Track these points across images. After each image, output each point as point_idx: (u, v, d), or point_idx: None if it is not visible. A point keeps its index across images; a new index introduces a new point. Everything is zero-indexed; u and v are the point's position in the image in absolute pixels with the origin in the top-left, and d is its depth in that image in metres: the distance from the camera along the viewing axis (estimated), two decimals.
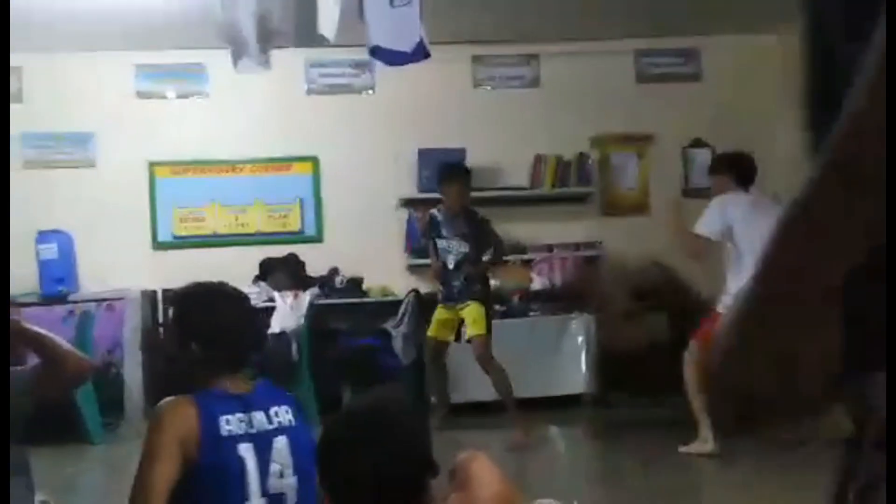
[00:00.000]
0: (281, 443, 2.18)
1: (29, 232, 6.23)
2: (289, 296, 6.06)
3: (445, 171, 5.36)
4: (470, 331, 5.15)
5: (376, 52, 3.67)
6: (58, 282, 6.14)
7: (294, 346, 5.84)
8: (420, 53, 3.70)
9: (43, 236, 6.16)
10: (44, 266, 6.16)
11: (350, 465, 1.78)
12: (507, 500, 1.84)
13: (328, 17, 3.34)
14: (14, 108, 6.54)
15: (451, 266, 5.23)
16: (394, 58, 3.75)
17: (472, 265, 5.22)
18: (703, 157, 7.31)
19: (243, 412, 2.13)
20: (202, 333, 2.19)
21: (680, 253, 4.83)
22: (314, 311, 6.15)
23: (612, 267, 6.97)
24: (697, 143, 7.31)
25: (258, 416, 2.16)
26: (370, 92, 7.05)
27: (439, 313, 5.35)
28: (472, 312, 5.13)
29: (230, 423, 2.10)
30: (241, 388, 2.19)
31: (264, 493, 2.12)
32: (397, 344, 6.05)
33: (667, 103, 7.23)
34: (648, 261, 7.02)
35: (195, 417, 2.06)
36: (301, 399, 5.43)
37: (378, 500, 1.79)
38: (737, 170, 4.93)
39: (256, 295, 6.25)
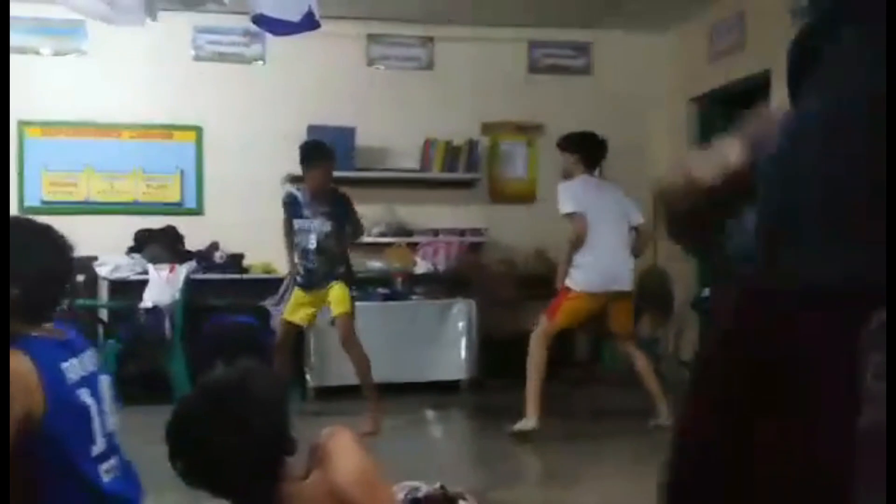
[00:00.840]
0: (105, 381, 2.14)
1: None
2: (164, 269, 5.85)
3: (312, 151, 5.14)
4: (335, 310, 5.01)
5: (261, 20, 3.53)
6: None
7: (167, 322, 5.64)
8: (308, 24, 3.58)
9: None
10: None
11: (204, 440, 1.73)
12: (365, 475, 1.83)
13: None
14: None
15: (312, 246, 5.06)
16: (280, 27, 3.62)
17: (335, 245, 5.08)
18: None
19: (74, 357, 2.04)
20: (24, 275, 1.98)
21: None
22: (190, 286, 5.95)
23: (497, 254, 7.04)
24: None
25: (85, 359, 2.09)
26: (260, 63, 6.87)
27: (298, 297, 5.17)
28: (336, 293, 5.00)
29: (70, 371, 2.00)
30: (60, 332, 2.08)
31: (103, 434, 2.07)
32: (276, 322, 5.92)
33: (557, 95, 7.34)
34: (533, 249, 7.13)
35: (35, 372, 1.88)
36: (174, 377, 5.29)
37: (232, 476, 1.75)
38: (585, 150, 5.12)
39: (129, 267, 6.02)
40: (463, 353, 6.19)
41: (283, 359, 5.11)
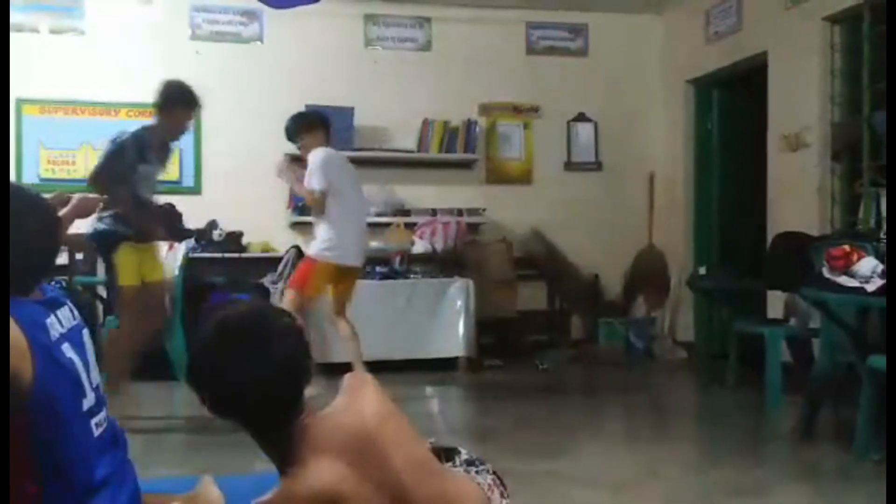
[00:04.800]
0: (86, 334, 2.11)
1: None
2: (163, 246, 5.85)
3: (190, 94, 4.70)
4: (155, 275, 4.65)
5: None
6: None
7: (167, 299, 5.65)
8: None
9: None
10: None
11: (228, 370, 1.76)
12: (384, 410, 1.88)
13: None
14: None
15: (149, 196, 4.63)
16: (279, 1, 3.62)
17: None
18: (586, 131, 7.50)
19: (52, 312, 2.01)
20: (14, 242, 1.95)
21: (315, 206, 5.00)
22: (189, 264, 5.96)
23: (494, 234, 7.08)
24: (581, 118, 7.48)
25: (63, 314, 2.05)
26: (258, 43, 6.87)
27: (129, 254, 4.42)
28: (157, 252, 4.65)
29: (52, 327, 1.96)
30: (37, 294, 2.03)
31: (91, 387, 2.04)
32: (275, 300, 5.96)
33: (554, 76, 7.36)
34: (529, 230, 7.17)
35: (21, 336, 1.86)
36: (173, 353, 5.31)
37: (255, 403, 1.78)
38: (327, 126, 5.17)
39: None
40: (461, 332, 6.23)
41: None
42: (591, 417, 4.97)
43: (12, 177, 6.24)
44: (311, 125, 5.05)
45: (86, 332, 2.11)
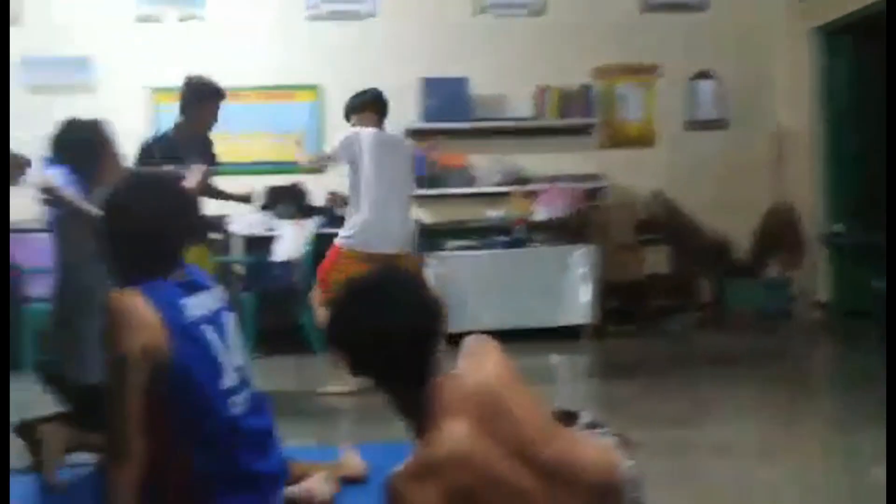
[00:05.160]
0: (230, 318, 2.21)
1: (35, 158, 6.18)
2: (292, 225, 6.07)
3: (212, 86, 4.60)
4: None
5: None
6: None
7: (298, 275, 5.87)
8: None
9: (46, 162, 6.10)
10: (48, 192, 6.13)
11: (363, 323, 1.82)
12: (507, 373, 1.91)
13: None
14: (13, 32, 6.44)
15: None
16: None
17: None
18: (708, 88, 7.25)
19: (194, 295, 2.12)
20: (147, 223, 2.11)
21: None
22: (318, 239, 6.16)
23: (615, 198, 6.97)
24: (702, 75, 7.24)
25: (206, 297, 2.16)
26: (373, 18, 6.95)
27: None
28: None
29: (190, 307, 2.08)
30: (180, 274, 2.16)
31: (232, 369, 2.15)
32: None
33: (672, 34, 7.14)
34: (651, 193, 7.03)
35: (152, 311, 2.00)
36: (306, 327, 5.52)
37: (390, 356, 1.84)
38: (378, 107, 4.98)
39: (260, 223, 6.27)
40: (585, 299, 6.19)
41: None
42: (724, 383, 4.83)
43: None
44: (358, 106, 4.97)
45: (231, 316, 2.22)
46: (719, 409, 4.31)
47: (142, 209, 2.12)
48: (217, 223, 6.03)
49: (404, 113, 6.76)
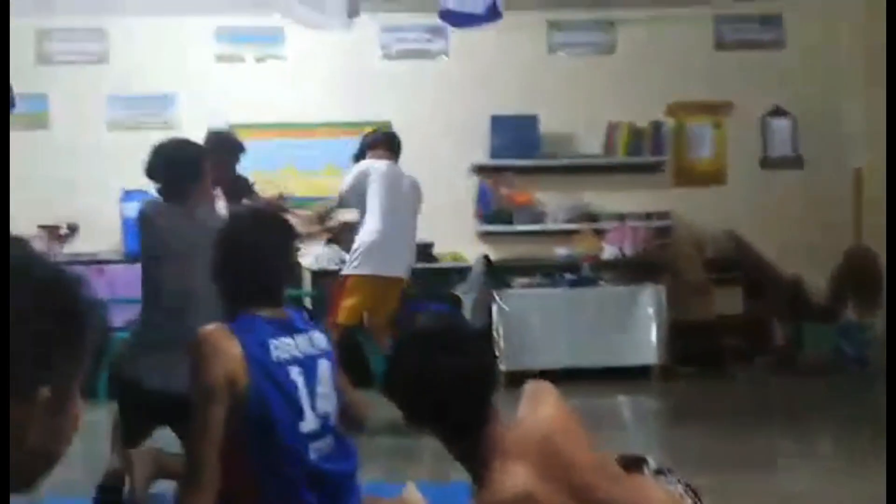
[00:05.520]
0: (324, 365, 2.23)
1: (114, 191, 6.43)
2: None
3: (237, 144, 4.73)
4: None
5: (447, 15, 3.64)
6: None
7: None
8: (492, 15, 3.65)
9: (128, 196, 6.34)
10: (127, 225, 6.35)
11: (421, 373, 1.84)
12: (569, 423, 1.89)
13: None
14: (99, 70, 6.76)
15: None
16: (465, 20, 3.71)
17: None
18: (783, 126, 7.14)
19: (288, 336, 2.16)
20: (247, 259, 2.19)
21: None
22: None
23: (685, 237, 6.87)
24: (777, 112, 7.12)
25: (301, 340, 2.19)
26: (444, 57, 7.05)
27: None
28: None
29: (278, 348, 2.13)
30: (280, 314, 2.21)
31: (315, 414, 2.17)
32: (467, 309, 6.09)
33: (747, 70, 7.06)
34: (723, 232, 6.91)
35: (237, 346, 2.06)
36: (372, 362, 5.56)
37: (448, 410, 1.85)
38: (389, 145, 5.10)
39: (328, 257, 6.37)
40: (653, 339, 6.10)
41: None
42: (797, 430, 4.69)
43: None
44: (371, 144, 5.11)
45: (327, 364, 2.25)
46: (791, 457, 4.18)
47: (253, 244, 2.20)
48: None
49: (473, 150, 6.84)
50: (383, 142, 5.13)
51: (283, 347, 2.14)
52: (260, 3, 6.52)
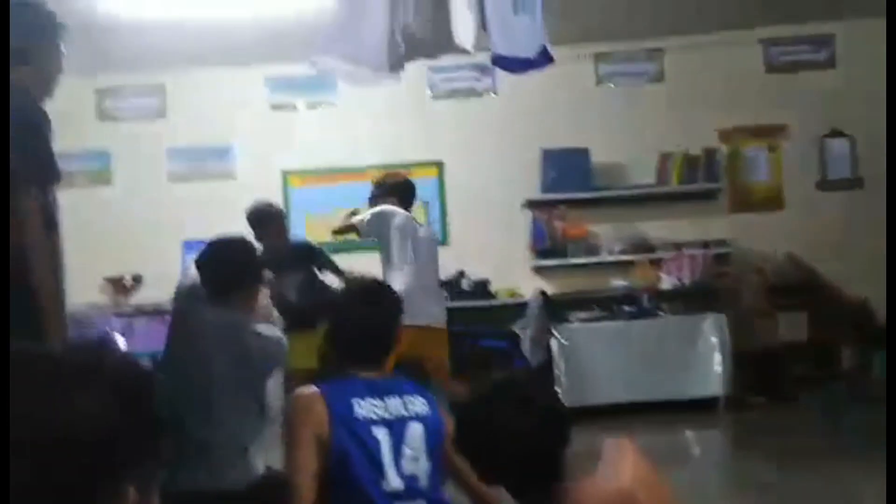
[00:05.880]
0: (415, 429, 2.30)
1: (175, 241, 6.59)
2: None
3: (277, 211, 5.41)
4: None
5: (499, 61, 3.65)
6: None
7: None
8: (543, 60, 3.66)
9: (189, 246, 6.48)
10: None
11: (495, 431, 1.83)
12: (650, 479, 1.86)
13: (465, 28, 3.33)
14: (158, 124, 6.97)
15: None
16: (517, 65, 3.72)
17: None
18: (841, 147, 7.01)
19: (377, 397, 2.29)
20: (344, 327, 2.43)
21: None
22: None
23: (745, 264, 6.76)
24: (835, 133, 7.00)
25: (393, 402, 2.30)
26: (492, 94, 7.10)
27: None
28: None
29: (363, 407, 2.26)
30: (376, 376, 2.36)
31: (399, 474, 2.24)
32: (525, 345, 6.07)
33: (800, 93, 6.96)
34: (783, 257, 6.79)
35: (323, 405, 2.24)
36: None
37: (520, 465, 1.84)
38: (399, 193, 4.99)
39: None
40: (717, 369, 5.99)
41: None
42: (873, 463, 4.51)
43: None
44: (381, 195, 5.08)
45: (420, 428, 2.30)
46: (867, 494, 4.04)
47: (357, 314, 2.42)
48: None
49: (525, 185, 6.85)
50: (391, 191, 5.07)
51: (369, 407, 2.27)
52: (310, 52, 6.69)
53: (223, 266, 3.07)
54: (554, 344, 6.05)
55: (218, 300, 2.99)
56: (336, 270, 5.50)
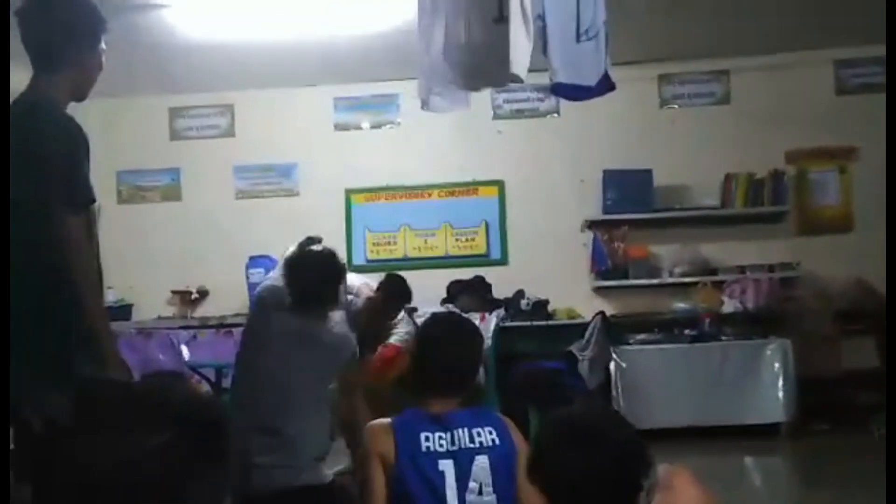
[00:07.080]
0: (482, 461, 2.34)
1: (240, 257, 6.75)
2: (475, 318, 6.19)
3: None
4: None
5: (559, 88, 3.64)
6: None
7: (480, 369, 5.94)
8: (604, 87, 3.64)
9: (253, 261, 6.64)
10: (253, 289, 6.63)
11: (572, 463, 1.83)
12: (706, 501, 1.84)
13: (521, 56, 3.36)
14: (227, 143, 7.18)
15: None
16: (577, 93, 3.70)
17: None
18: None
19: (444, 431, 2.34)
20: (420, 358, 2.52)
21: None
22: (500, 333, 6.24)
23: (811, 288, 6.61)
24: None
25: (460, 434, 2.35)
26: (555, 115, 7.10)
27: None
28: None
29: (429, 440, 2.32)
30: (446, 409, 2.41)
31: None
32: (583, 367, 6.03)
33: (871, 115, 6.79)
34: (851, 281, 6.62)
35: (391, 436, 2.33)
36: None
37: (597, 498, 1.84)
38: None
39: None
40: (780, 395, 5.87)
41: None
42: None
43: (345, 262, 6.98)
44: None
45: (485, 460, 2.34)
46: None
47: (435, 350, 2.49)
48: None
49: (586, 205, 6.83)
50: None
51: (436, 440, 2.33)
52: (376, 77, 6.82)
53: (308, 282, 3.29)
54: (612, 366, 6.01)
55: (302, 310, 3.21)
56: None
